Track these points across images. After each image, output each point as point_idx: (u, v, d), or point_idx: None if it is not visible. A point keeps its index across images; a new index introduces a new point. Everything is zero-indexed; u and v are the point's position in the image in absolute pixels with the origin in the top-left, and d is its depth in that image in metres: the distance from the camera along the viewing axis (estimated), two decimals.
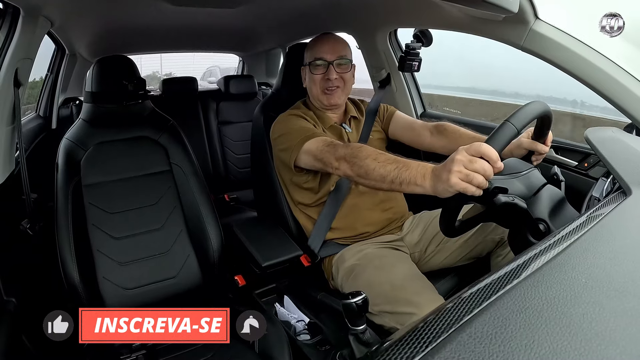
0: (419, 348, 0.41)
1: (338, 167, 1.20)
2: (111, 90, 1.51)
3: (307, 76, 1.56)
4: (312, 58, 1.51)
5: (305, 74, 1.57)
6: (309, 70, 1.52)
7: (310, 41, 1.59)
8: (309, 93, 1.58)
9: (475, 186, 0.87)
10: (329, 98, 1.51)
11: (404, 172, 1.02)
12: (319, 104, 1.55)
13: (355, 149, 1.17)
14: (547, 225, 0.93)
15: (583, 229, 0.65)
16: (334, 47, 1.51)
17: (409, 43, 1.76)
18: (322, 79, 1.50)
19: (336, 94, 1.51)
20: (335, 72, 1.49)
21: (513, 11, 1.12)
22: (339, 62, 1.50)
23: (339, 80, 1.50)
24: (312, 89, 1.54)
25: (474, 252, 1.41)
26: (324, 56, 1.49)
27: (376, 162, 1.09)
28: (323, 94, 1.51)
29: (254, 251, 1.40)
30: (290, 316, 1.43)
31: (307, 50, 1.57)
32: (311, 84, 1.53)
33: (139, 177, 1.51)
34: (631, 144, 1.01)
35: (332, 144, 1.27)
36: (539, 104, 0.99)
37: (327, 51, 1.50)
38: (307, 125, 1.45)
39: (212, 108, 2.95)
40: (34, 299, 1.46)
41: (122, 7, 1.84)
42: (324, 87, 1.50)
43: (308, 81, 1.56)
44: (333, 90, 1.50)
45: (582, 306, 0.46)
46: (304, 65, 1.58)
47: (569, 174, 1.40)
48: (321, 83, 1.50)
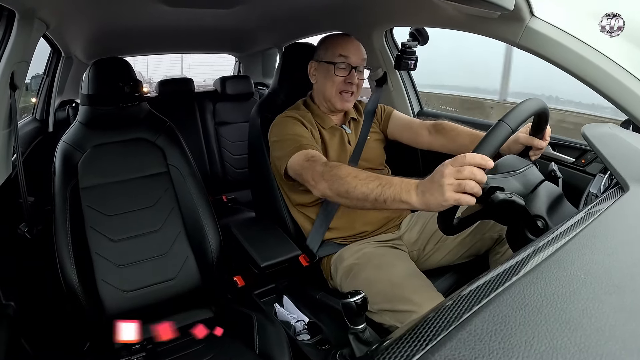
0: (419, 346, 0.41)
1: (315, 185, 1.17)
2: (107, 92, 1.51)
3: (322, 73, 1.50)
4: (337, 57, 1.46)
5: (319, 70, 1.52)
6: (332, 69, 1.46)
7: (331, 37, 1.53)
8: (319, 91, 1.53)
9: (469, 194, 0.87)
10: (343, 103, 1.48)
11: (387, 190, 1.00)
12: (329, 105, 1.51)
13: (334, 167, 1.14)
14: (545, 222, 0.93)
15: (581, 226, 0.65)
16: (359, 52, 1.48)
17: (405, 42, 1.76)
18: (342, 82, 1.47)
19: (351, 99, 1.50)
20: (356, 77, 1.47)
21: (509, 8, 1.12)
22: (360, 69, 1.48)
23: (355, 86, 1.48)
24: (326, 87, 1.49)
25: (473, 250, 1.41)
26: (350, 59, 1.46)
27: (357, 180, 1.06)
28: (338, 96, 1.48)
29: (252, 252, 1.39)
30: (289, 316, 1.43)
31: (328, 47, 1.50)
32: (327, 83, 1.48)
33: (136, 179, 1.51)
34: (628, 140, 1.01)
35: (313, 159, 1.24)
36: (534, 101, 0.99)
37: (353, 53, 1.46)
38: (300, 131, 1.41)
39: (208, 109, 2.95)
40: (33, 303, 1.46)
41: (118, 9, 1.84)
42: (341, 89, 1.47)
43: (323, 79, 1.50)
44: (349, 94, 1.48)
45: (581, 302, 0.46)
46: (320, 61, 1.52)
47: (567, 171, 1.40)
48: (340, 85, 1.47)
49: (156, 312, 1.39)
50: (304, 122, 1.45)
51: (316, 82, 1.54)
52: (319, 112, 1.53)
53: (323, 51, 1.51)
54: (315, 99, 1.56)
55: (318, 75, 1.52)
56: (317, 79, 1.53)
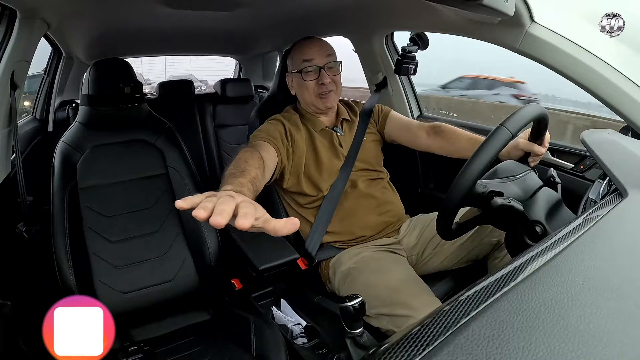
0: (416, 351, 0.41)
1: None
2: (108, 93, 1.51)
3: (296, 83, 1.54)
4: (302, 64, 1.49)
5: (293, 80, 1.56)
6: (301, 77, 1.49)
7: (294, 47, 1.56)
8: (300, 99, 1.57)
9: None
10: (325, 102, 1.50)
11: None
12: (314, 108, 1.53)
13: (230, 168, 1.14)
14: (543, 228, 0.93)
15: (580, 231, 0.65)
16: (322, 50, 1.50)
17: (406, 46, 1.77)
18: (315, 85, 1.48)
19: (331, 97, 1.50)
20: (327, 76, 1.48)
21: (509, 14, 1.13)
22: (329, 66, 1.49)
23: (332, 83, 1.49)
24: (304, 95, 1.52)
25: (471, 255, 1.40)
26: (314, 61, 1.48)
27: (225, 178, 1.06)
28: (318, 99, 1.49)
29: (250, 254, 1.39)
30: (287, 319, 1.43)
31: (292, 56, 1.55)
32: (303, 91, 1.51)
33: (135, 180, 1.50)
34: (627, 146, 1.01)
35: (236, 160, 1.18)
36: (534, 106, 0.99)
37: (316, 55, 1.48)
38: (268, 129, 1.43)
39: (208, 111, 2.95)
40: (30, 303, 1.45)
41: (119, 10, 1.84)
42: (317, 92, 1.48)
43: (298, 88, 1.54)
44: (327, 94, 1.49)
45: (579, 308, 0.46)
46: (290, 73, 1.56)
47: (565, 176, 1.40)
48: (315, 89, 1.48)
49: (153, 314, 1.38)
50: (284, 123, 1.47)
51: (295, 93, 1.58)
52: (308, 115, 1.55)
53: (290, 62, 1.56)
54: (302, 104, 1.59)
55: (295, 85, 1.56)
56: (295, 90, 1.57)
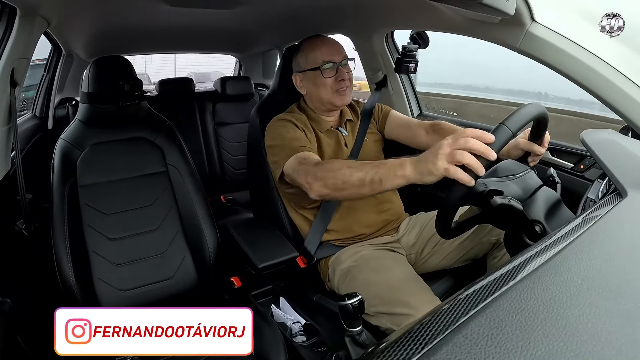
0: (415, 349, 0.41)
1: (310, 187, 1.17)
2: (107, 90, 1.51)
3: (310, 81, 1.51)
4: (321, 62, 1.47)
5: (304, 79, 1.53)
6: (320, 74, 1.47)
7: (304, 46, 1.54)
8: (313, 98, 1.53)
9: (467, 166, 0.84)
10: (343, 98, 1.49)
11: (382, 169, 1.01)
12: (329, 106, 1.52)
13: (326, 163, 1.17)
14: (543, 227, 0.93)
15: (579, 231, 0.65)
16: (338, 48, 1.51)
17: (406, 45, 1.76)
18: (334, 81, 1.47)
19: (347, 92, 1.50)
20: (345, 72, 1.48)
21: (509, 13, 1.12)
22: (345, 62, 1.50)
23: (347, 79, 1.50)
24: (320, 93, 1.49)
25: (470, 254, 1.41)
26: (332, 58, 1.47)
27: (351, 169, 1.08)
28: (336, 95, 1.48)
29: (250, 252, 1.39)
30: (286, 318, 1.43)
31: (306, 55, 1.51)
32: (319, 88, 1.49)
33: (135, 178, 1.50)
34: (627, 146, 1.01)
35: (304, 162, 1.25)
36: (535, 106, 0.99)
37: (334, 53, 1.48)
38: (295, 134, 1.41)
39: (208, 109, 2.95)
40: (29, 300, 1.46)
41: (120, 8, 1.84)
42: (336, 88, 1.47)
43: (313, 86, 1.50)
44: (345, 90, 1.49)
45: (578, 308, 0.46)
46: (302, 72, 1.53)
47: (565, 176, 1.40)
48: (333, 85, 1.47)
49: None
50: (297, 124, 1.46)
51: (307, 92, 1.54)
52: (315, 116, 1.54)
53: (303, 60, 1.53)
54: (310, 104, 1.56)
55: (306, 84, 1.53)
56: (307, 89, 1.53)
